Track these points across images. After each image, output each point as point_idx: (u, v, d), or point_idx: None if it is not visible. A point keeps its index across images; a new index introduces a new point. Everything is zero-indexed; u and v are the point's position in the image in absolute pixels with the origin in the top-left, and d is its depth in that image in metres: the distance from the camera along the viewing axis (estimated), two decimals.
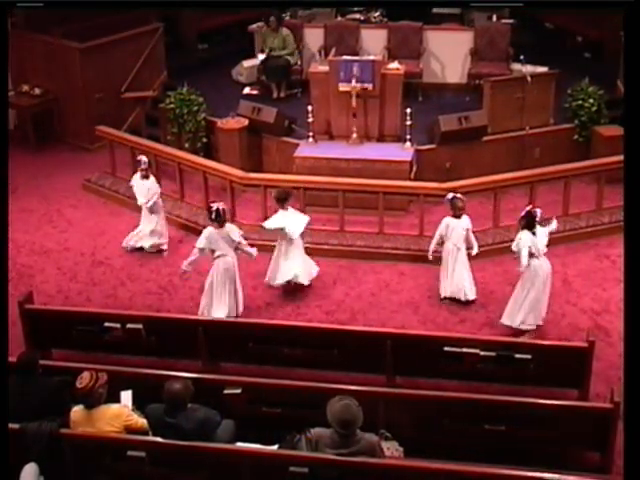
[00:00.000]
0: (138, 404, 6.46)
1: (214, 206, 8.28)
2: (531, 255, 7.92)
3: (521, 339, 7.86)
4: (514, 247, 8.03)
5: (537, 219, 7.97)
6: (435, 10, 13.63)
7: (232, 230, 8.40)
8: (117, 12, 12.61)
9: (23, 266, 9.59)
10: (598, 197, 9.99)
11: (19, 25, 12.40)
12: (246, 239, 8.65)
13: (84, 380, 6.06)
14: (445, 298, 8.85)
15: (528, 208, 8.09)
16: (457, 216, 8.67)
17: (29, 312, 7.79)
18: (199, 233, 10.03)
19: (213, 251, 8.35)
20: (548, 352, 7.16)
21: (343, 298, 8.96)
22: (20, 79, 12.37)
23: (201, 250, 8.34)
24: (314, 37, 12.81)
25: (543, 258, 8.05)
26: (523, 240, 7.91)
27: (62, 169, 11.81)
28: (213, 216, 8.25)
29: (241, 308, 8.58)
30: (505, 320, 8.24)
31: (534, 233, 7.94)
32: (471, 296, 8.77)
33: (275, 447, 6.29)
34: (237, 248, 8.46)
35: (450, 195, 8.72)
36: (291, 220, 8.78)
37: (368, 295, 9.00)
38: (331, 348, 7.33)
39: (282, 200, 8.78)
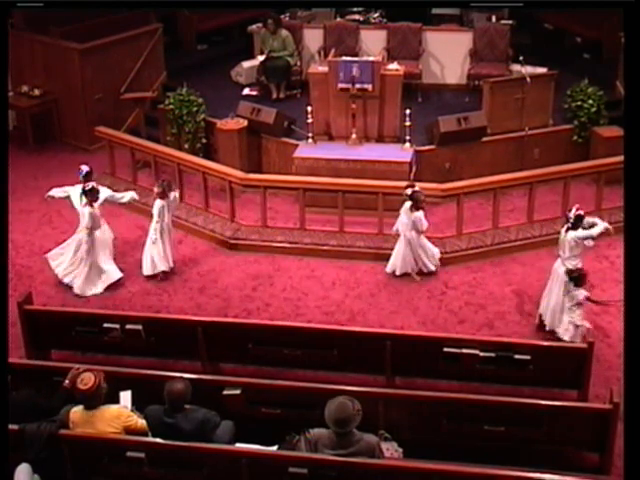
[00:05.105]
0: (137, 405, 6.46)
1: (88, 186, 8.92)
2: None
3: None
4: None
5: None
6: (434, 11, 13.66)
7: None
8: (117, 12, 12.63)
9: (22, 267, 9.58)
10: (597, 198, 9.98)
11: (19, 25, 12.41)
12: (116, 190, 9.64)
13: (88, 381, 6.03)
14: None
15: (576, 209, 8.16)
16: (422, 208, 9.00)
17: (28, 313, 7.78)
18: (199, 233, 10.12)
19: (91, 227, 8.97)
20: (547, 353, 7.16)
21: (342, 299, 8.96)
22: (19, 80, 12.35)
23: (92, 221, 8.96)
24: (313, 38, 12.81)
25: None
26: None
27: (61, 170, 11.76)
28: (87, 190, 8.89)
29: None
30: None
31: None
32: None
33: (274, 448, 6.30)
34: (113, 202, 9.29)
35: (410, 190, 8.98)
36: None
37: (367, 296, 9.00)
38: (330, 349, 7.33)
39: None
